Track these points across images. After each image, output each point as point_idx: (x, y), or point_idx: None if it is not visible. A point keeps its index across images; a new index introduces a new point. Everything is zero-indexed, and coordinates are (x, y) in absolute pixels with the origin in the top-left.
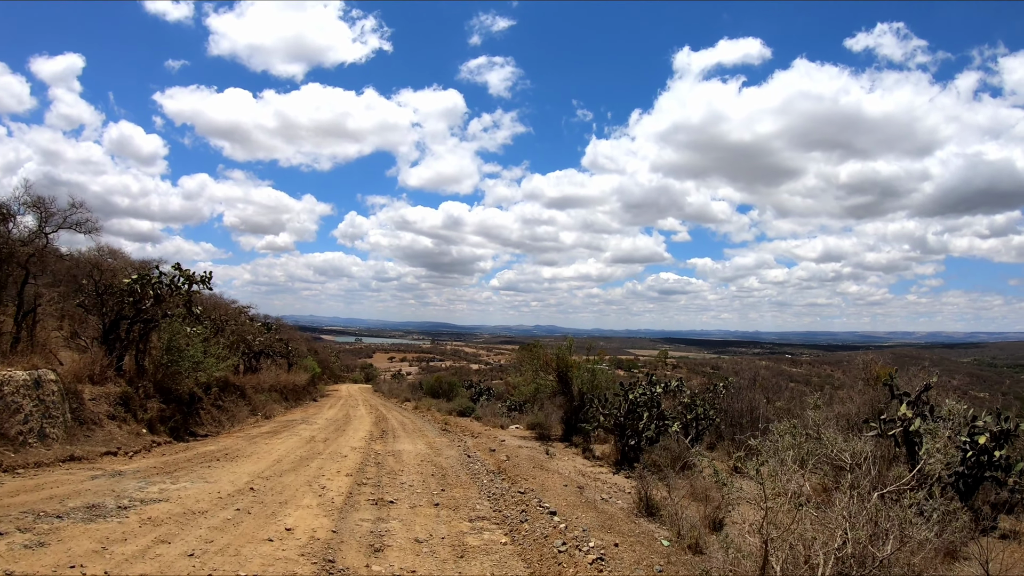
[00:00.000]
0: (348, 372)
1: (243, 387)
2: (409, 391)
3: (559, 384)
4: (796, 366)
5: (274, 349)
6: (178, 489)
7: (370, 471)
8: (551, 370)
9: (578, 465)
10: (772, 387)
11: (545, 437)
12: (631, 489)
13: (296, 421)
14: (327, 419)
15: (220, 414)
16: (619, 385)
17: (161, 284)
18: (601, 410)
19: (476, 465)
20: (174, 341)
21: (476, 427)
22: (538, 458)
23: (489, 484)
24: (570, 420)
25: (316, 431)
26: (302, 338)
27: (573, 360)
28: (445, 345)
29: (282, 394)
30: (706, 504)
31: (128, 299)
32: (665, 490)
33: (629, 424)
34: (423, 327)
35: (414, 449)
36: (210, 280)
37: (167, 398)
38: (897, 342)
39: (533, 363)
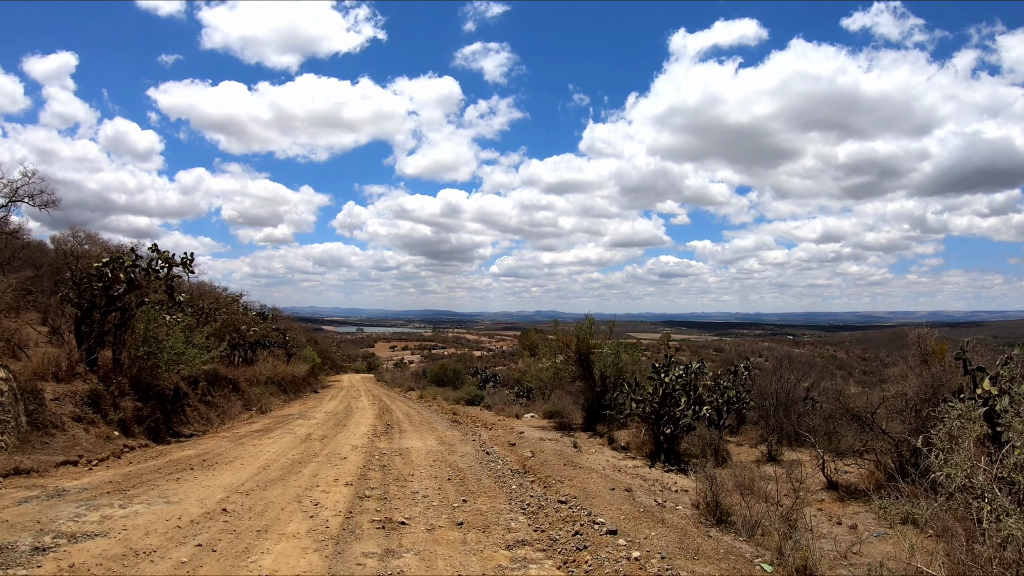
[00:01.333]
0: (350, 362)
1: (236, 380)
2: (413, 380)
3: (579, 369)
4: (799, 347)
5: (271, 339)
6: (127, 515)
7: (374, 478)
8: (571, 353)
9: (610, 459)
10: (801, 367)
11: (566, 427)
12: (679, 486)
13: (293, 416)
14: (327, 412)
15: (209, 411)
16: (652, 367)
17: (136, 268)
18: (633, 396)
19: (497, 464)
20: (151, 331)
21: (488, 417)
22: (566, 453)
23: (519, 490)
24: (592, 407)
25: (313, 427)
26: (301, 328)
27: (595, 342)
28: (446, 333)
29: (280, 386)
30: (772, 504)
31: (98, 285)
32: (707, 485)
33: (666, 411)
34: (424, 315)
35: (424, 446)
36: (192, 263)
37: (144, 395)
38: (898, 322)
39: (551, 346)
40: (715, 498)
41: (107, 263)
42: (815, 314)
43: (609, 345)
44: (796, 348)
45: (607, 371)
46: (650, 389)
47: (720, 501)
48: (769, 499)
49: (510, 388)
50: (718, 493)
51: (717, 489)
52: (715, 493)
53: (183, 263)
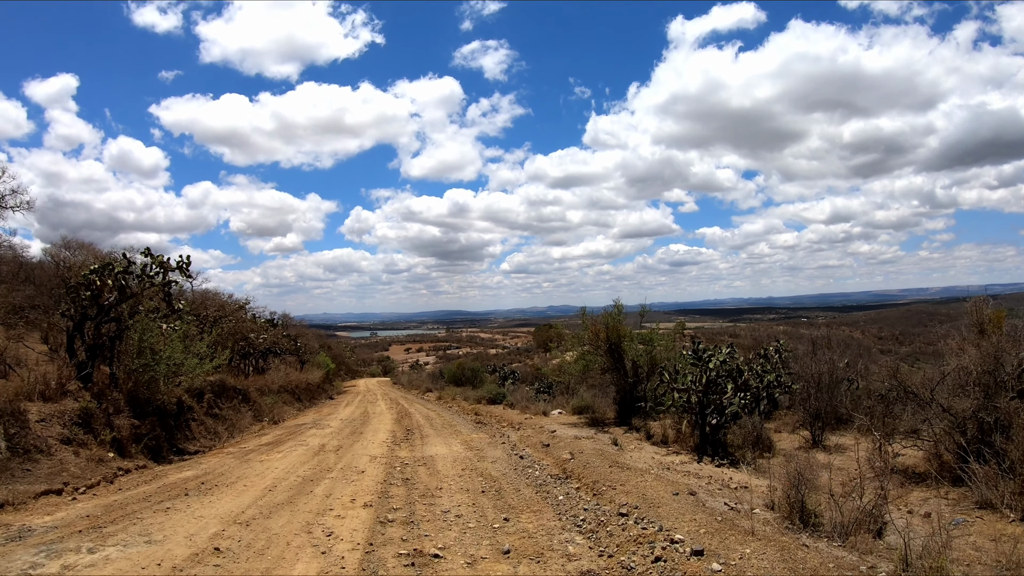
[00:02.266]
0: (365, 366)
1: (246, 390)
2: (430, 381)
3: (610, 360)
4: (814, 329)
5: (282, 347)
6: (93, 563)
7: (397, 495)
8: (601, 344)
9: (654, 455)
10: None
11: (598, 422)
12: (737, 482)
13: (306, 425)
14: (342, 420)
15: (216, 424)
16: (691, 353)
17: (127, 274)
18: (674, 385)
19: (535, 469)
20: (146, 342)
21: (513, 416)
22: (607, 452)
23: (567, 501)
24: (624, 400)
25: (328, 437)
26: (313, 334)
27: (626, 330)
28: (460, 332)
29: (294, 394)
30: (847, 499)
31: (86, 294)
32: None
33: (713, 400)
34: (437, 316)
35: (449, 452)
36: (189, 267)
37: (142, 411)
38: (912, 299)
39: (579, 336)
40: (801, 498)
41: (95, 270)
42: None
43: (642, 333)
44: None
45: (640, 361)
46: (691, 377)
47: (806, 501)
48: (844, 493)
49: (530, 384)
50: (803, 491)
51: (802, 487)
52: (801, 492)
53: (179, 267)
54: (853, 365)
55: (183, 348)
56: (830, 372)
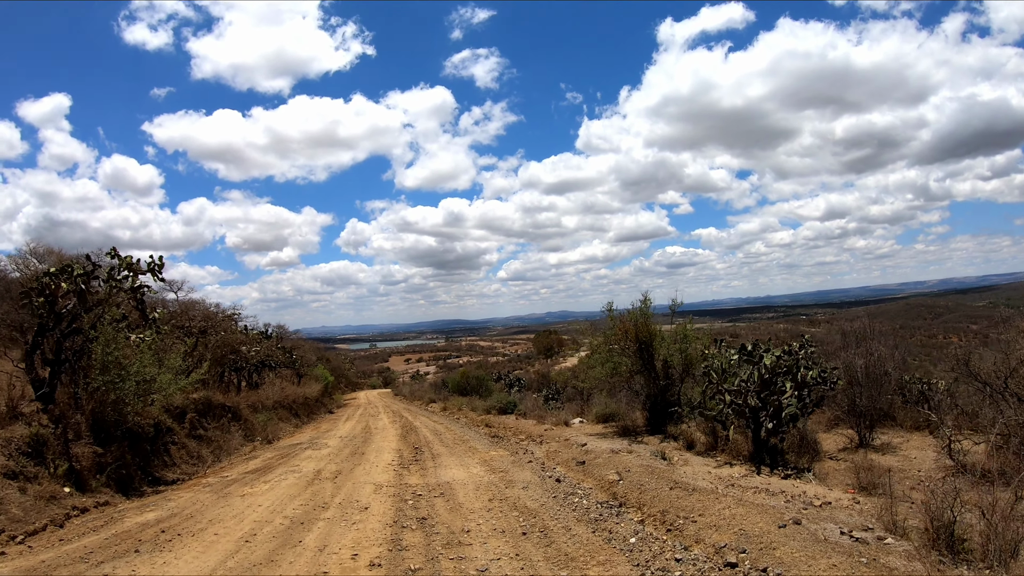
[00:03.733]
0: (365, 378)
1: (236, 408)
2: (432, 391)
3: (639, 360)
4: (815, 326)
5: (276, 360)
6: None
7: (413, 544)
8: (630, 343)
9: (709, 469)
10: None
11: (630, 431)
12: (822, 498)
13: (302, 445)
14: (341, 437)
15: (201, 447)
16: (741, 349)
17: (90, 278)
18: (724, 385)
19: (579, 496)
20: (111, 355)
21: (530, 427)
22: (656, 468)
23: (641, 544)
24: (655, 405)
25: (325, 459)
26: (311, 347)
27: (657, 328)
28: (460, 341)
29: (290, 410)
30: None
31: (38, 300)
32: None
33: (771, 401)
34: (435, 326)
35: (469, 477)
36: (161, 269)
37: (108, 436)
38: (910, 292)
39: (606, 336)
40: (951, 523)
41: (50, 273)
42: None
43: (677, 330)
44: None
45: (673, 361)
46: (743, 376)
47: (955, 525)
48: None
49: (537, 391)
50: (955, 515)
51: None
52: (952, 515)
53: (151, 269)
54: (890, 359)
55: (155, 362)
56: (876, 365)
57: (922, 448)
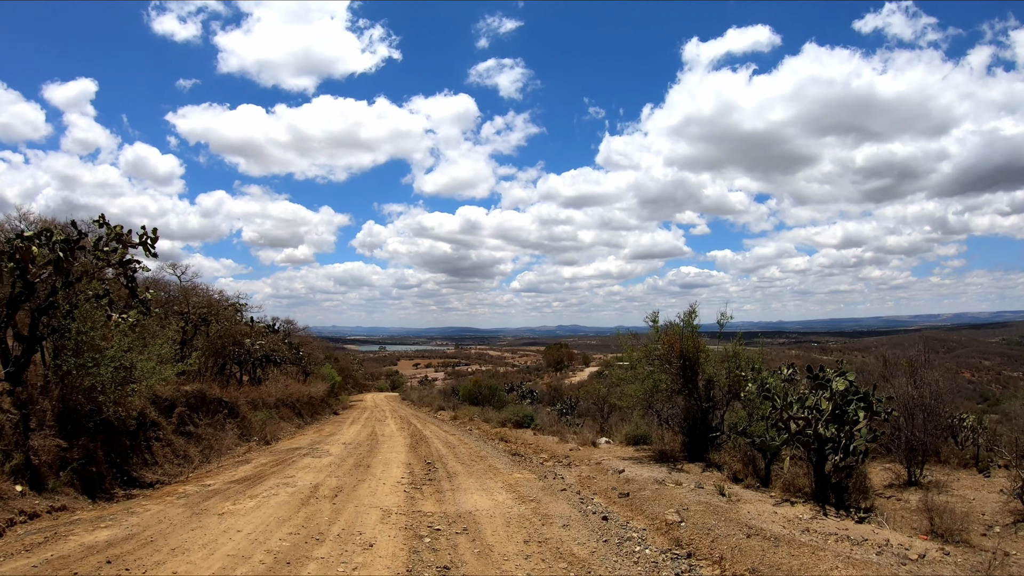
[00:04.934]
0: (373, 380)
1: (234, 403)
2: (441, 398)
3: (680, 379)
4: (827, 354)
5: (281, 355)
6: None
7: None
8: (673, 359)
9: (772, 508)
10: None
11: (667, 457)
12: (908, 547)
13: (301, 450)
14: (345, 444)
15: (189, 445)
16: (806, 371)
17: (69, 245)
18: (789, 412)
19: (635, 542)
20: (85, 335)
21: (551, 445)
22: (719, 507)
23: None
24: (694, 429)
25: (324, 471)
26: (319, 344)
27: (703, 344)
28: (469, 349)
29: (293, 409)
30: None
31: (8, 266)
32: None
33: (844, 432)
34: (446, 332)
35: (494, 505)
36: (155, 242)
37: (78, 427)
38: (922, 325)
39: (647, 351)
40: None
41: (24, 236)
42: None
43: (729, 349)
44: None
45: (719, 382)
46: (811, 402)
47: None
48: None
49: (550, 405)
50: None
51: None
52: None
53: (142, 242)
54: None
55: (140, 346)
56: (932, 396)
57: (975, 488)
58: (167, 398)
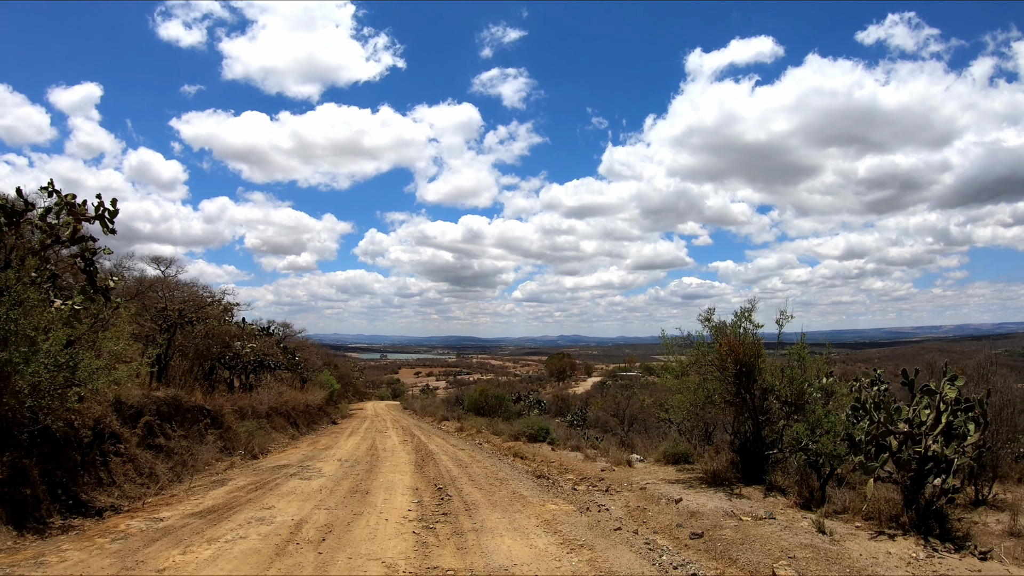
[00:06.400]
0: (374, 388)
1: (217, 412)
2: (445, 407)
3: (733, 388)
4: (829, 365)
5: (275, 360)
6: None
7: None
8: (729, 365)
9: (872, 543)
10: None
11: (720, 479)
12: None
13: (289, 469)
14: (341, 461)
15: (157, 460)
16: (902, 376)
17: (10, 215)
18: (890, 427)
19: None
20: (14, 323)
21: (577, 463)
22: (823, 549)
23: None
24: (747, 446)
25: (313, 499)
26: (316, 350)
27: (761, 348)
28: (471, 358)
29: (288, 418)
30: None
31: None
32: None
33: (953, 448)
34: (447, 341)
35: (534, 555)
36: (114, 217)
37: (4, 440)
38: (924, 337)
39: (699, 355)
40: None
41: None
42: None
43: (789, 352)
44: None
45: (781, 392)
46: (908, 415)
47: None
48: None
49: (559, 415)
50: None
51: None
52: None
53: (99, 217)
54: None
55: (91, 341)
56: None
57: None
58: (133, 405)
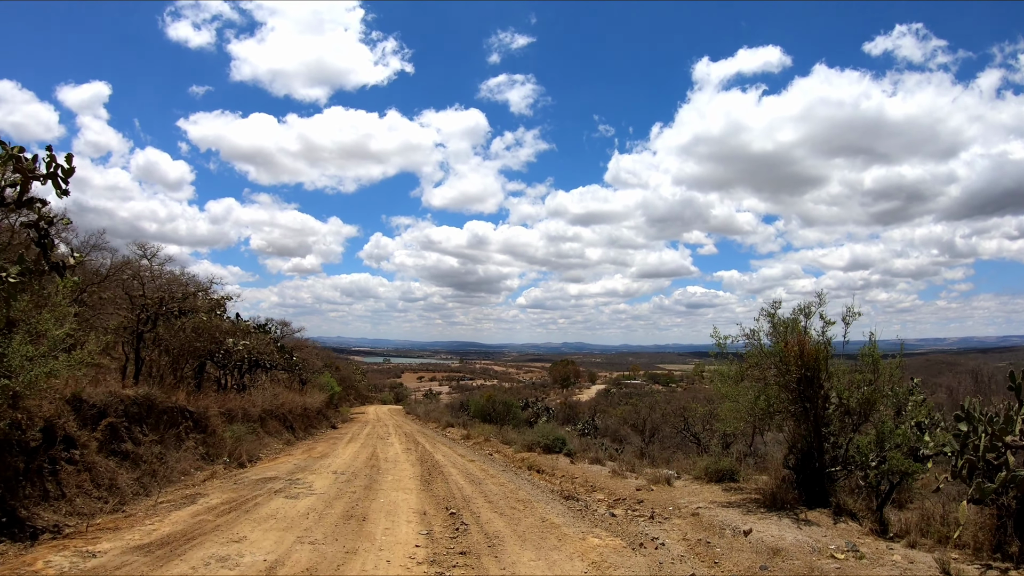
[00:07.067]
0: (376, 392)
1: (200, 414)
2: (450, 413)
3: (795, 396)
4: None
5: (270, 359)
6: None
7: None
8: (792, 369)
9: None
10: None
11: (778, 501)
12: None
13: (275, 484)
14: (336, 473)
15: (121, 469)
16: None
17: None
18: (1004, 440)
19: None
20: None
21: (604, 479)
22: None
23: None
24: (806, 462)
25: (296, 527)
26: (314, 350)
27: (825, 350)
28: (474, 364)
29: (284, 422)
30: None
31: None
32: None
33: None
34: (450, 346)
35: None
36: (69, 176)
37: None
38: (928, 349)
39: (758, 356)
40: None
41: None
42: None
43: (862, 354)
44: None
45: (850, 402)
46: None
47: None
48: None
49: (569, 424)
50: None
51: None
52: None
53: (51, 175)
54: None
55: (30, 325)
56: None
57: None
58: (96, 404)
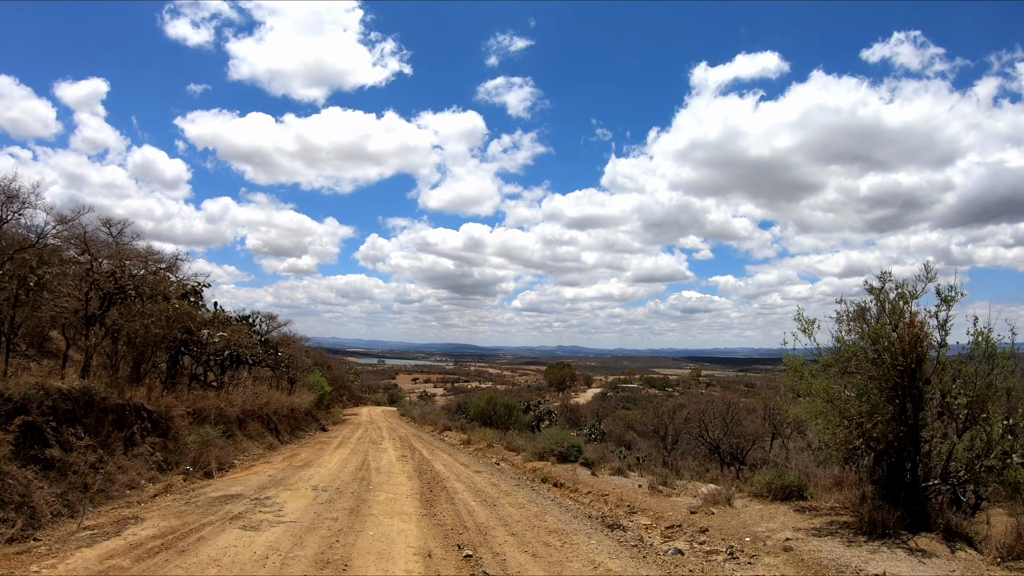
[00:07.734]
0: (371, 393)
1: (162, 414)
2: (447, 416)
3: (891, 396)
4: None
5: (252, 353)
6: None
7: None
8: (887, 369)
9: None
10: None
11: (877, 525)
12: None
13: (239, 501)
14: (317, 488)
15: (43, 481)
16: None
17: None
18: None
19: None
20: None
21: (641, 498)
22: None
23: None
24: (896, 475)
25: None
26: (302, 347)
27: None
28: (469, 366)
29: (267, 423)
30: None
31: None
32: None
33: None
34: (445, 348)
35: None
36: None
37: None
38: None
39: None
40: None
41: None
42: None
43: (974, 345)
44: None
45: (956, 403)
46: None
47: None
48: None
49: (575, 428)
50: None
51: None
52: None
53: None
54: None
55: None
56: None
57: None
58: (12, 397)
